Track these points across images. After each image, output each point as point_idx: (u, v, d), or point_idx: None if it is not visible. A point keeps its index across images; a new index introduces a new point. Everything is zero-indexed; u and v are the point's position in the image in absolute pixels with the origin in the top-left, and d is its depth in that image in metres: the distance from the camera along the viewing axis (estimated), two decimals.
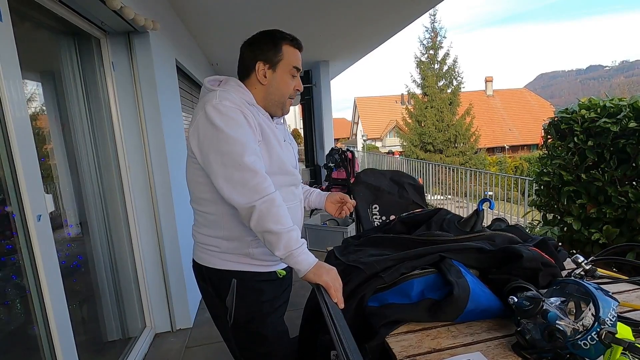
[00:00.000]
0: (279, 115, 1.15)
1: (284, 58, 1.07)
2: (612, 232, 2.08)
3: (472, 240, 1.12)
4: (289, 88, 1.10)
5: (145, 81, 2.14)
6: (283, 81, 1.09)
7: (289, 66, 1.08)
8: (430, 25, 17.84)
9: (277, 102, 1.11)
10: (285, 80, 1.09)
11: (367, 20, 3.81)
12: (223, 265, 1.08)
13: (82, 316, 1.92)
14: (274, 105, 1.11)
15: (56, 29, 1.80)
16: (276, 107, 1.12)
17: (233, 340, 1.15)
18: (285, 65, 1.08)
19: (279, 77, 1.08)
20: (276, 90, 1.09)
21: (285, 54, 1.07)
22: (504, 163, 17.11)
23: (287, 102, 1.13)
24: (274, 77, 1.08)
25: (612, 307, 0.74)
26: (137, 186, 2.21)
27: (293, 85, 1.11)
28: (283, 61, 1.07)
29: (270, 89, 1.09)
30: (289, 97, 1.12)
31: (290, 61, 1.08)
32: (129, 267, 2.22)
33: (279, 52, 1.07)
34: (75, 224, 1.91)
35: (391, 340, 0.90)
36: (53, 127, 1.83)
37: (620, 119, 2.02)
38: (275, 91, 1.09)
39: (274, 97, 1.10)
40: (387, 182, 2.12)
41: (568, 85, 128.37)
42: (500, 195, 5.16)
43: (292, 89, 1.11)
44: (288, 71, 1.09)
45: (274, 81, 1.08)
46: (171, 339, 2.34)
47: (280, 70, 1.08)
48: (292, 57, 1.09)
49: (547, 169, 2.51)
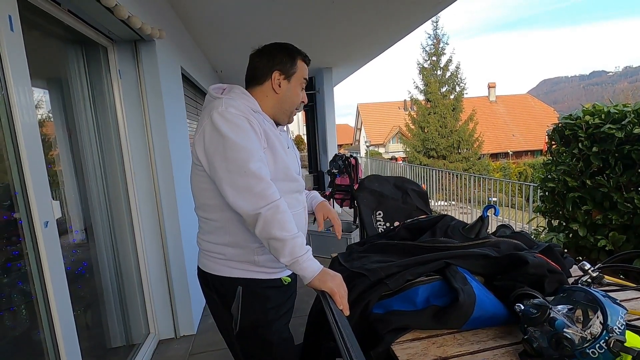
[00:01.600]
0: (285, 123, 1.21)
1: (297, 71, 1.15)
2: (618, 239, 2.06)
3: (477, 246, 1.11)
4: (298, 99, 1.18)
5: (151, 89, 2.17)
6: (295, 92, 1.16)
7: (300, 78, 1.16)
8: (432, 32, 17.99)
9: (287, 111, 1.17)
10: (296, 91, 1.17)
11: (369, 28, 3.84)
12: (228, 272, 1.08)
13: (86, 322, 1.92)
14: (283, 114, 1.17)
15: (64, 37, 1.84)
16: (284, 115, 1.18)
17: (239, 348, 1.15)
18: (298, 77, 1.16)
19: (292, 87, 1.15)
20: (288, 99, 1.16)
21: (299, 67, 1.15)
22: (507, 169, 17.05)
23: (294, 112, 1.20)
24: (288, 88, 1.15)
25: (621, 314, 0.73)
26: (142, 192, 2.23)
27: (301, 97, 1.19)
28: (297, 74, 1.15)
29: (283, 98, 1.15)
30: (297, 107, 1.19)
31: (302, 74, 1.16)
32: (133, 273, 2.23)
33: (294, 65, 1.14)
34: (81, 230, 1.92)
35: (397, 347, 0.90)
36: (59, 134, 1.85)
37: (625, 124, 2.01)
38: (287, 100, 1.16)
39: (284, 106, 1.16)
40: (390, 188, 2.12)
41: (571, 91, 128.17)
42: (504, 201, 5.13)
43: (300, 100, 1.19)
44: (299, 83, 1.17)
45: (287, 91, 1.15)
46: (175, 346, 2.33)
47: (294, 81, 1.15)
48: (304, 71, 1.17)
49: (551, 175, 2.50)
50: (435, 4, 3.28)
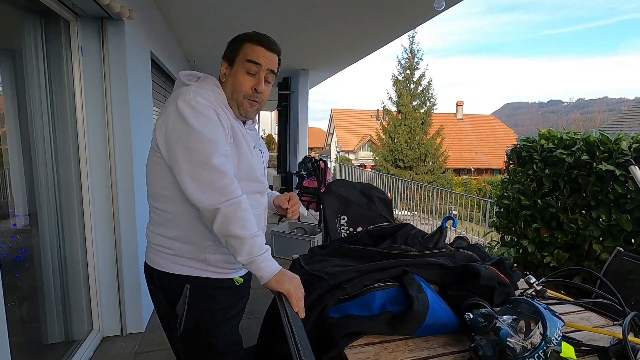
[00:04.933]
0: (238, 117, 1.07)
1: (240, 54, 1.04)
2: (562, 256, 2.22)
3: (434, 256, 1.15)
4: (242, 85, 1.03)
5: (116, 70, 2.05)
6: (237, 77, 1.03)
7: (243, 61, 1.03)
8: (408, 47, 18.55)
9: (235, 100, 1.05)
10: (237, 77, 1.03)
11: (347, 35, 3.89)
12: (176, 269, 1.03)
13: (21, 315, 1.77)
14: (233, 104, 1.05)
15: (21, 5, 1.70)
16: (234, 106, 1.05)
17: (181, 350, 1.10)
18: (240, 60, 1.03)
19: (234, 73, 1.04)
20: (231, 86, 1.04)
21: (242, 50, 1.04)
22: (469, 184, 17.86)
23: (245, 102, 1.04)
24: (230, 74, 1.05)
25: (559, 326, 0.78)
26: (97, 180, 2.09)
27: (251, 84, 1.04)
28: (239, 57, 1.04)
29: (227, 86, 1.06)
30: (246, 96, 1.04)
31: (245, 55, 1.03)
32: (79, 264, 2.08)
33: (238, 48, 1.04)
34: (24, 215, 1.77)
35: (349, 352, 0.90)
36: (9, 110, 1.70)
37: (575, 151, 2.17)
38: (229, 87, 1.05)
39: (230, 95, 1.05)
40: (357, 194, 2.14)
41: (530, 116, 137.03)
42: (463, 214, 5.36)
43: (248, 87, 1.04)
44: (243, 67, 1.03)
45: (230, 77, 1.05)
46: (120, 344, 2.20)
47: (236, 65, 1.04)
48: (249, 51, 1.03)
49: (507, 192, 2.65)
50: (410, 21, 3.39)
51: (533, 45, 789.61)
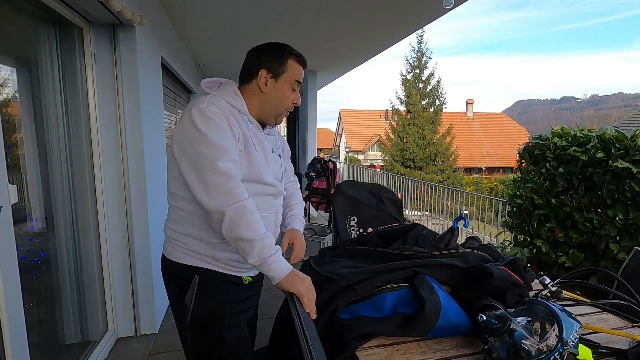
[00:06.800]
0: (272, 125, 1.16)
1: (287, 71, 1.10)
2: (577, 256, 2.17)
3: (445, 257, 1.13)
4: (287, 100, 1.12)
5: (127, 76, 2.09)
6: (282, 92, 1.10)
7: (291, 79, 1.11)
8: (417, 45, 18.40)
9: (272, 112, 1.12)
10: (284, 92, 1.11)
11: (355, 36, 3.89)
12: (188, 260, 1.06)
13: (38, 316, 1.81)
14: (268, 115, 1.12)
15: (37, 14, 1.74)
16: (270, 116, 1.13)
17: (189, 342, 1.11)
18: (288, 77, 1.10)
19: (280, 87, 1.10)
20: (274, 100, 1.11)
21: (289, 67, 1.10)
22: (480, 183, 17.63)
23: (283, 114, 1.14)
24: (274, 87, 1.10)
25: (575, 328, 0.76)
26: (110, 183, 2.13)
27: (292, 98, 1.13)
28: (286, 73, 1.10)
29: (268, 98, 1.10)
30: (287, 109, 1.14)
31: (293, 75, 1.11)
32: (94, 266, 2.12)
33: (284, 64, 1.09)
34: (41, 218, 1.81)
35: (361, 353, 0.89)
36: (25, 116, 1.74)
37: (589, 148, 2.12)
38: (272, 101, 1.11)
39: (270, 107, 1.11)
40: (366, 195, 2.14)
41: (543, 113, 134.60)
42: (475, 214, 5.29)
43: (290, 102, 1.13)
44: (289, 84, 1.11)
45: (273, 91, 1.10)
46: (134, 344, 2.23)
47: (282, 81, 1.10)
48: (296, 71, 1.11)
49: (520, 191, 2.61)
50: (419, 20, 3.37)
51: (544, 41, 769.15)
